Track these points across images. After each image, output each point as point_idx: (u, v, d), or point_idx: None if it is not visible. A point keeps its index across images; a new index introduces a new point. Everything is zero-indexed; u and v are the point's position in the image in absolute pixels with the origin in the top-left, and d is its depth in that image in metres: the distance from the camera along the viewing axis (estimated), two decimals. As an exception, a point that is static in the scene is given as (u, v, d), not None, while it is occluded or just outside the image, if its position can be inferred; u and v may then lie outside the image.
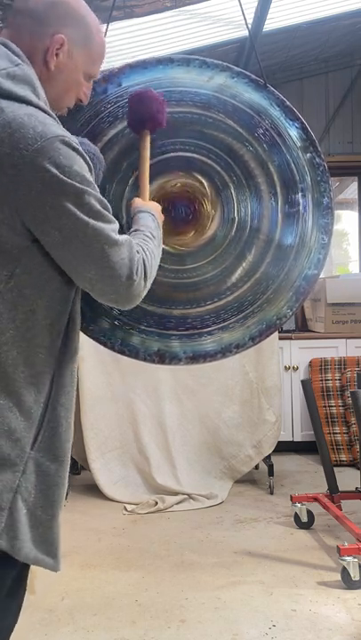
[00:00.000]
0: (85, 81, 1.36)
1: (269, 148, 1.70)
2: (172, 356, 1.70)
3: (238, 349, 1.73)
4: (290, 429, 4.39)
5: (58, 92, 1.31)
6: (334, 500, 2.98)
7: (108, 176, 1.65)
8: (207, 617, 2.22)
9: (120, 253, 1.20)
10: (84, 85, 1.36)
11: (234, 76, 1.70)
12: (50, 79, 1.28)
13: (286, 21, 4.14)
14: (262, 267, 1.72)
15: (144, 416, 3.65)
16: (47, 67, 1.27)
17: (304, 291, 1.73)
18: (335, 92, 5.20)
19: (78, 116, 1.65)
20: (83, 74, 1.33)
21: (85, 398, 3.61)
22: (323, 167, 1.72)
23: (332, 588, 2.42)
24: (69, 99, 1.35)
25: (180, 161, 1.70)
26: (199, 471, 3.65)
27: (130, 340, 1.68)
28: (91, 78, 1.37)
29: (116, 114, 1.66)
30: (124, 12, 3.41)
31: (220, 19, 3.85)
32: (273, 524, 3.13)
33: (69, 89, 1.33)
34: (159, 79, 1.68)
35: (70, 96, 1.34)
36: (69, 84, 1.32)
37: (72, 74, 1.31)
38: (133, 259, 1.23)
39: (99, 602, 2.35)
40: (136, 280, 1.23)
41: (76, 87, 1.34)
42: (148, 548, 2.86)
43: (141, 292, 1.27)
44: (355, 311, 4.53)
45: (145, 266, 1.26)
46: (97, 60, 1.36)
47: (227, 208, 1.72)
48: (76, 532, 3.05)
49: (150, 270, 1.29)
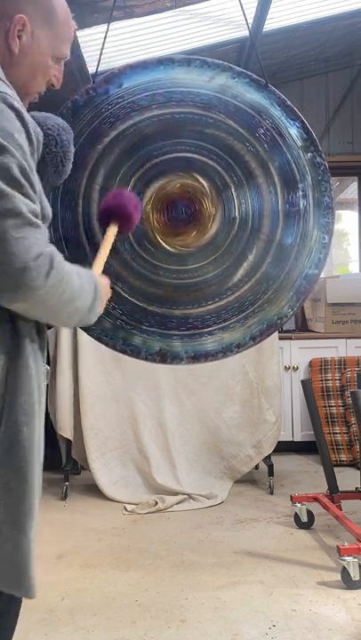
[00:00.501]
0: (54, 63, 1.28)
1: (270, 147, 1.70)
2: (174, 356, 1.71)
3: (239, 349, 1.73)
4: (290, 429, 4.39)
5: (25, 77, 1.24)
6: (334, 499, 2.98)
7: (109, 176, 1.65)
8: (207, 617, 2.23)
9: (24, 233, 1.06)
10: (54, 68, 1.28)
11: (235, 77, 1.71)
12: (14, 64, 1.21)
13: (286, 21, 4.14)
14: (263, 266, 1.72)
15: (144, 416, 3.65)
16: (10, 50, 1.21)
17: (305, 290, 1.73)
18: (335, 92, 5.20)
19: (79, 116, 1.65)
20: (50, 56, 1.26)
21: (85, 398, 3.61)
22: (324, 166, 1.72)
23: (332, 587, 2.42)
24: (38, 84, 1.27)
25: (181, 161, 1.71)
26: (199, 471, 3.65)
27: (131, 339, 1.68)
28: (60, 60, 1.29)
29: (118, 114, 1.66)
30: (124, 12, 3.41)
31: (220, 19, 3.85)
32: (273, 524, 3.13)
33: (36, 73, 1.25)
34: (160, 79, 1.69)
35: (39, 81, 1.27)
36: (36, 68, 1.25)
37: (38, 57, 1.24)
38: (40, 250, 1.08)
39: (99, 602, 2.35)
40: (32, 271, 1.06)
41: (43, 71, 1.26)
42: (148, 548, 2.86)
43: (36, 288, 1.07)
44: (355, 311, 4.53)
45: (53, 267, 1.09)
46: (64, 39, 1.28)
47: (228, 208, 1.72)
48: (76, 532, 3.05)
49: (60, 281, 1.11)
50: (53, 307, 1.13)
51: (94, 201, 1.68)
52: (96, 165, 1.67)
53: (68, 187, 1.66)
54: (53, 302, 1.12)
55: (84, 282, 1.20)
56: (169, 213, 1.67)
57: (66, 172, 1.37)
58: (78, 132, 1.62)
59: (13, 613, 1.24)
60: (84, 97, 1.68)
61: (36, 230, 1.09)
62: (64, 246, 1.66)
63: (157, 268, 1.72)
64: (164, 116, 1.68)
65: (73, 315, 1.19)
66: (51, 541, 2.93)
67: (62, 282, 1.11)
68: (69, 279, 1.14)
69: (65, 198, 1.68)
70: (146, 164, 1.69)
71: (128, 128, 1.64)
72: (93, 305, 1.23)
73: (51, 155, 1.31)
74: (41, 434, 1.22)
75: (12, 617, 1.23)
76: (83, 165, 1.66)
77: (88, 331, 1.67)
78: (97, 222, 1.61)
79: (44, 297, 1.09)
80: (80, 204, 1.68)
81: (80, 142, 1.62)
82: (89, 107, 1.67)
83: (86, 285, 1.21)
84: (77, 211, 1.68)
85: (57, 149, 1.31)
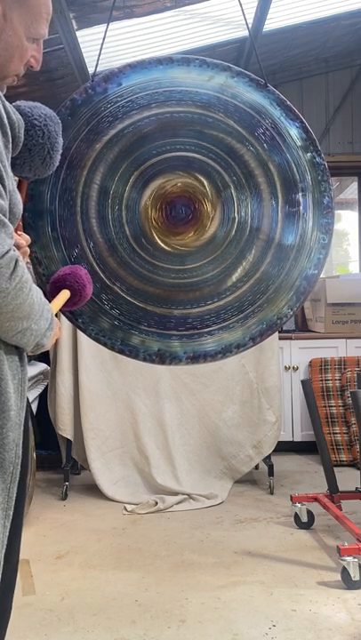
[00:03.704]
0: (31, 44, 1.24)
1: (270, 147, 1.70)
2: (173, 356, 1.70)
3: (239, 349, 1.73)
4: (290, 429, 4.39)
5: (0, 60, 1.20)
6: (334, 499, 2.98)
7: (108, 175, 1.65)
8: (207, 617, 2.22)
9: None
10: (31, 49, 1.24)
11: (234, 76, 1.70)
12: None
13: (286, 21, 4.14)
14: (263, 266, 1.72)
15: (144, 416, 3.65)
16: None
17: (304, 290, 1.73)
18: (335, 92, 5.20)
19: (78, 115, 1.65)
20: (25, 37, 1.22)
21: (85, 398, 3.61)
22: (323, 166, 1.72)
23: (332, 587, 2.42)
24: (15, 65, 1.23)
25: (180, 161, 1.70)
26: (199, 471, 3.65)
27: (130, 340, 1.68)
28: (36, 40, 1.25)
29: (116, 114, 1.66)
30: (124, 12, 3.41)
31: (220, 19, 3.85)
32: (273, 524, 3.13)
33: (12, 55, 1.21)
34: (159, 79, 1.69)
35: (15, 63, 1.23)
36: (11, 50, 1.21)
37: (13, 38, 1.20)
38: (5, 249, 1.04)
39: (99, 602, 2.35)
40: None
41: (20, 52, 1.22)
42: (148, 548, 2.85)
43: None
44: (355, 311, 4.53)
45: (16, 271, 1.06)
46: (38, 18, 1.22)
47: (227, 208, 1.72)
48: (76, 532, 3.05)
49: (21, 290, 1.07)
50: (6, 314, 1.07)
51: (92, 199, 1.68)
52: (95, 164, 1.67)
53: (66, 185, 1.65)
54: (9, 310, 1.07)
55: (44, 303, 1.17)
56: (168, 213, 1.67)
57: (54, 164, 1.33)
58: (77, 130, 1.62)
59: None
60: (83, 96, 1.67)
61: (2, 229, 1.05)
62: (62, 245, 1.66)
63: (156, 267, 1.72)
64: (163, 115, 1.68)
65: (25, 332, 1.13)
66: (51, 541, 2.93)
67: (23, 291, 1.08)
68: (31, 292, 1.10)
69: (63, 197, 1.67)
70: (145, 163, 1.69)
71: (127, 127, 1.64)
72: (46, 334, 1.19)
73: (38, 146, 1.27)
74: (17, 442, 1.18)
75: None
76: (81, 164, 1.65)
77: (85, 331, 1.67)
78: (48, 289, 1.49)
79: (4, 300, 1.05)
80: (78, 204, 1.68)
81: (78, 141, 1.62)
82: (87, 105, 1.66)
83: (45, 308, 1.17)
84: (76, 209, 1.68)
85: (44, 141, 1.27)
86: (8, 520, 1.14)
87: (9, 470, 1.14)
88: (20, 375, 1.18)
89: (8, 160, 1.11)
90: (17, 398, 1.16)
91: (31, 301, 1.11)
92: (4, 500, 1.14)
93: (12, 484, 1.15)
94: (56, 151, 1.31)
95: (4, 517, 1.13)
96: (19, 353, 1.19)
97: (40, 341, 1.18)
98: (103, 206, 1.68)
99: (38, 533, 3.02)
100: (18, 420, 1.16)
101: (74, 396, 3.67)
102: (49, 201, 1.66)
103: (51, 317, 1.20)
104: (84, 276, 1.40)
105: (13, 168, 1.26)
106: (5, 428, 1.12)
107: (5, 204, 1.07)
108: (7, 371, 1.14)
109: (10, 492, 1.14)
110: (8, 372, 1.14)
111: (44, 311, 1.17)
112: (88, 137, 1.63)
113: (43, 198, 1.66)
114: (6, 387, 1.13)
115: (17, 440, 1.16)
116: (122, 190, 1.68)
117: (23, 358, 1.20)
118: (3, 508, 1.13)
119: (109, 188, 1.66)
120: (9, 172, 1.10)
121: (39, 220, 1.65)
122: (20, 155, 1.26)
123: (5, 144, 1.10)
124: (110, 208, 1.69)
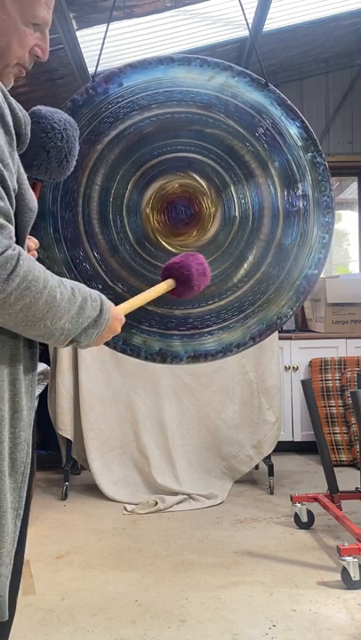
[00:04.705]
0: (33, 31, 1.21)
1: (270, 147, 1.70)
2: (174, 356, 1.70)
3: (239, 349, 1.73)
4: (290, 429, 4.39)
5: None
6: (334, 500, 2.98)
7: (109, 176, 1.65)
8: (207, 617, 2.22)
9: None
10: (33, 37, 1.21)
11: (235, 76, 1.70)
12: None
13: (286, 21, 4.14)
14: (263, 266, 1.72)
15: (144, 416, 3.65)
16: None
17: (305, 290, 1.73)
18: (335, 92, 5.20)
19: (79, 116, 1.65)
20: (21, 21, 1.18)
21: (85, 398, 3.61)
22: (324, 166, 1.72)
23: (332, 587, 2.42)
24: (15, 51, 1.19)
25: (181, 161, 1.70)
26: (199, 471, 3.65)
27: (131, 339, 1.68)
28: (37, 26, 1.21)
29: (117, 114, 1.66)
30: (124, 12, 3.41)
31: (220, 19, 3.85)
32: (273, 523, 3.13)
33: (10, 41, 1.18)
34: (160, 79, 1.69)
35: (15, 48, 1.19)
36: (9, 36, 1.17)
37: (8, 23, 1.17)
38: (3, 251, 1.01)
39: (99, 602, 2.35)
40: None
41: (19, 38, 1.19)
42: (148, 548, 2.86)
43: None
44: (355, 311, 4.53)
45: (15, 271, 1.03)
46: (36, 1, 1.19)
47: (227, 208, 1.72)
48: (76, 532, 3.05)
49: (25, 290, 1.04)
50: (15, 315, 1.05)
51: (94, 200, 1.68)
52: (96, 165, 1.67)
53: (68, 186, 1.65)
54: (15, 310, 1.04)
55: (79, 300, 1.13)
56: (169, 213, 1.67)
57: (69, 169, 1.33)
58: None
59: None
60: (84, 96, 1.67)
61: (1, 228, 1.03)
62: (64, 246, 1.66)
63: (157, 268, 1.72)
64: (163, 115, 1.68)
65: (53, 331, 1.10)
66: (51, 541, 2.93)
67: (30, 290, 1.04)
68: (46, 289, 1.06)
69: (65, 198, 1.67)
70: (146, 163, 1.69)
71: (128, 128, 1.64)
72: (87, 332, 1.16)
73: (56, 149, 1.27)
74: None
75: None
76: (82, 165, 1.65)
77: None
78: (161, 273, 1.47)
79: (6, 301, 1.02)
80: (80, 204, 1.68)
81: (79, 142, 1.62)
82: (89, 106, 1.66)
83: (90, 305, 1.15)
84: (77, 210, 1.68)
85: (62, 144, 1.27)
86: (19, 520, 1.14)
87: (20, 470, 1.14)
88: (31, 375, 1.18)
89: (13, 158, 1.10)
90: (27, 399, 1.16)
91: (49, 299, 1.07)
92: (16, 499, 1.14)
93: (22, 483, 1.15)
94: (73, 156, 1.32)
95: (15, 517, 1.13)
96: (32, 353, 1.18)
97: (77, 338, 1.15)
98: (105, 207, 1.68)
99: (38, 533, 3.02)
100: (29, 419, 1.16)
101: (74, 396, 3.67)
102: (51, 202, 1.66)
103: (97, 315, 1.17)
104: (193, 267, 1.37)
105: (30, 169, 1.26)
106: (18, 428, 1.13)
107: (5, 204, 1.05)
108: (21, 371, 1.14)
109: (21, 491, 1.15)
110: (22, 372, 1.14)
111: (86, 308, 1.14)
112: (89, 137, 1.63)
113: (45, 199, 1.66)
114: (20, 387, 1.13)
115: (28, 440, 1.16)
116: (123, 191, 1.68)
117: (35, 359, 1.19)
118: (14, 508, 1.13)
119: (110, 189, 1.66)
120: (12, 170, 1.09)
121: (41, 222, 1.66)
122: (36, 157, 1.26)
123: (9, 142, 1.09)
124: (112, 209, 1.69)
